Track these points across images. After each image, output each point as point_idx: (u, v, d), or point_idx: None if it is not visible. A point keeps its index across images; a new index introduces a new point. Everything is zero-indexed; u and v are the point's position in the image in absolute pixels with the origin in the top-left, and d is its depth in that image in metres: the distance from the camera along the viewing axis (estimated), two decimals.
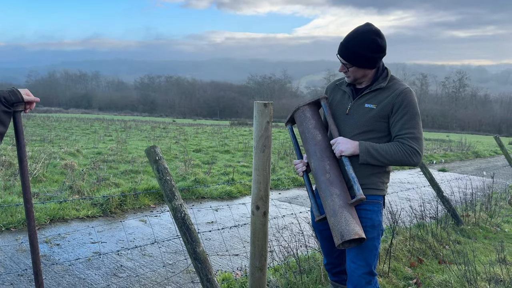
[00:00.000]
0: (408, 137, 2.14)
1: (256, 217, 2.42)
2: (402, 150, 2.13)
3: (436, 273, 3.86)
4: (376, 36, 2.13)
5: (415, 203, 6.89)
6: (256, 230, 2.43)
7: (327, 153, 2.22)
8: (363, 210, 2.22)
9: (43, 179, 7.31)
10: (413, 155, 2.14)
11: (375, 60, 2.18)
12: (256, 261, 2.45)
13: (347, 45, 2.17)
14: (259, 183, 2.38)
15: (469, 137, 37.27)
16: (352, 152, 2.16)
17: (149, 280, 3.65)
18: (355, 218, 2.09)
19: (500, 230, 5.57)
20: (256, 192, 2.39)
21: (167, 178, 2.53)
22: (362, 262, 2.21)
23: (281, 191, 7.95)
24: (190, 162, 9.92)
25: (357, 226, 2.05)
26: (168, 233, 4.97)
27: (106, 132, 21.28)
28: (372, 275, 2.25)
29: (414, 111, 2.16)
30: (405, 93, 2.17)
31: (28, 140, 14.45)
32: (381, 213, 2.28)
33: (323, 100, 2.31)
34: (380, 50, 2.16)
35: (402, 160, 2.15)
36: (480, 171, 12.14)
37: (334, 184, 2.14)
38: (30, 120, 30.10)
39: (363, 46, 2.12)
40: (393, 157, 2.14)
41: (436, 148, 19.35)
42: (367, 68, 2.20)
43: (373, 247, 2.23)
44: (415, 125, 2.16)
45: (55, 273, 3.68)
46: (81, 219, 5.36)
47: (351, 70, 2.21)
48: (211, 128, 29.34)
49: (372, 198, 2.25)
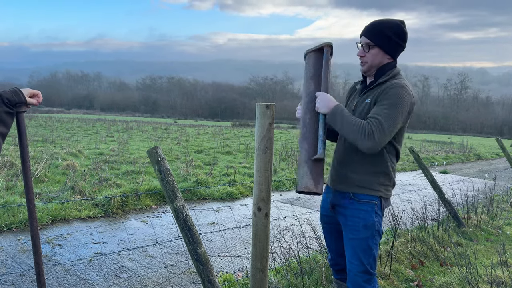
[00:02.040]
0: (374, 120, 2.05)
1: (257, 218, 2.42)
2: (360, 128, 2.04)
3: (438, 276, 3.86)
4: (402, 24, 2.22)
5: (417, 205, 6.89)
6: (258, 231, 2.43)
7: (311, 105, 2.21)
8: (356, 209, 2.24)
9: (45, 180, 7.32)
10: (367, 137, 2.02)
11: (396, 45, 2.22)
12: (257, 262, 2.45)
13: (374, 24, 2.23)
14: (261, 184, 2.38)
15: (471, 139, 37.21)
16: (326, 111, 2.13)
17: (150, 281, 3.66)
18: (315, 173, 2.13)
19: (502, 232, 5.56)
20: (258, 194, 2.39)
21: (169, 179, 2.54)
22: (357, 262, 2.24)
23: (282, 192, 7.95)
24: (191, 163, 9.94)
25: (310, 181, 2.12)
26: (169, 234, 4.97)
27: (108, 133, 21.31)
28: (369, 274, 2.25)
29: (393, 102, 2.08)
30: (394, 86, 2.13)
31: (30, 141, 14.48)
32: (376, 214, 2.24)
33: (326, 47, 2.21)
34: (403, 38, 2.22)
35: (355, 137, 2.05)
36: (482, 173, 12.12)
37: (306, 138, 2.19)
38: (32, 120, 30.17)
39: (390, 27, 2.19)
40: (350, 129, 2.07)
41: (437, 150, 19.32)
42: (387, 53, 2.22)
43: (366, 247, 2.23)
44: (389, 114, 2.06)
45: (56, 273, 3.69)
46: (82, 220, 5.37)
47: (371, 53, 2.22)
48: (212, 129, 29.37)
49: (366, 198, 2.24)
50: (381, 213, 2.27)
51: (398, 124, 2.10)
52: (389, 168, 2.26)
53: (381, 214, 2.28)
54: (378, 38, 2.20)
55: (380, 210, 2.26)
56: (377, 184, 2.24)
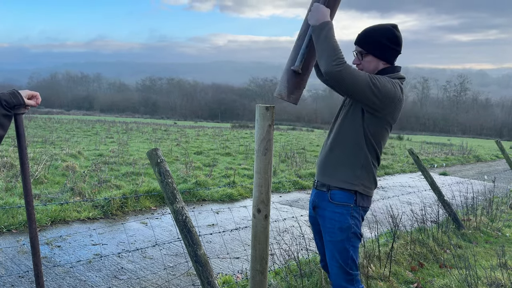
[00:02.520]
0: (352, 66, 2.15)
1: (257, 220, 2.42)
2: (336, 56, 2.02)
3: (437, 278, 3.86)
4: (394, 29, 2.25)
5: (416, 207, 6.89)
6: (257, 233, 2.43)
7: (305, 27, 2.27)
8: (333, 212, 2.28)
9: (44, 181, 7.32)
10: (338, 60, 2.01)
11: (389, 50, 2.23)
12: (257, 264, 2.46)
13: (366, 32, 2.27)
14: (261, 186, 2.39)
15: (470, 141, 37.24)
16: (314, 23, 2.13)
17: (149, 282, 3.65)
18: (291, 83, 2.22)
19: (501, 234, 5.56)
20: (258, 195, 2.39)
21: (168, 180, 2.54)
22: (336, 263, 2.30)
23: (282, 194, 7.94)
24: (191, 165, 9.93)
25: (285, 90, 2.22)
26: (169, 236, 4.97)
27: (107, 134, 21.31)
28: (348, 274, 2.29)
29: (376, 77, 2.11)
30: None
31: (29, 142, 14.47)
32: (352, 216, 2.25)
33: None
34: (396, 42, 2.23)
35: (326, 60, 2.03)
36: (481, 175, 12.12)
37: (295, 49, 2.27)
38: (32, 121, 30.16)
39: (381, 34, 2.22)
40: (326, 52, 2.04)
41: (437, 152, 19.33)
42: (381, 58, 2.25)
43: (343, 249, 2.26)
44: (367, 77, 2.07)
45: (56, 275, 3.69)
46: (82, 221, 5.36)
47: (366, 60, 2.26)
48: (212, 131, 29.37)
49: (340, 200, 2.25)
50: (358, 215, 2.28)
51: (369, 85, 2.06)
52: (369, 162, 2.26)
53: (358, 216, 2.29)
54: (370, 45, 2.23)
55: (357, 212, 2.27)
56: (354, 178, 2.24)
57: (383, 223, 5.22)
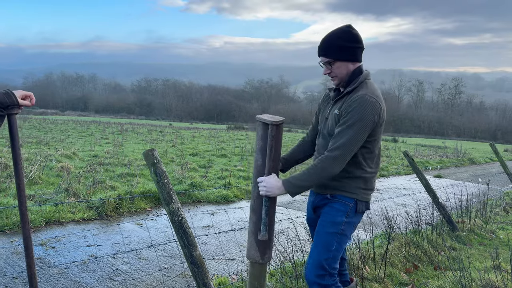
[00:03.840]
0: (330, 147, 2.17)
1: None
2: (319, 168, 2.16)
3: (432, 279, 3.88)
4: (349, 28, 2.26)
5: (411, 209, 6.91)
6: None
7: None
8: (329, 207, 2.33)
9: (39, 182, 7.28)
10: (328, 166, 2.14)
11: (354, 50, 2.25)
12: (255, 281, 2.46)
13: (325, 41, 2.27)
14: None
15: (465, 143, 37.44)
16: (279, 193, 2.21)
17: (144, 284, 3.64)
18: (261, 246, 2.30)
19: (495, 236, 5.59)
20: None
21: (164, 181, 2.54)
22: (315, 255, 2.32)
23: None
24: (186, 166, 9.92)
25: (257, 253, 2.31)
26: (164, 237, 4.96)
27: (102, 135, 21.23)
28: (323, 269, 2.28)
29: (355, 119, 2.14)
30: (357, 99, 2.17)
31: (24, 142, 14.39)
32: (348, 215, 2.30)
33: (271, 125, 2.20)
34: (356, 40, 2.25)
35: (322, 175, 2.17)
36: (476, 177, 12.19)
37: (255, 211, 2.31)
38: (27, 122, 30.00)
39: (339, 37, 2.23)
40: (315, 176, 2.18)
41: (432, 155, 19.42)
42: (349, 60, 2.26)
43: (327, 242, 2.29)
44: (347, 133, 2.14)
45: (50, 276, 3.67)
46: (77, 222, 5.34)
47: (335, 67, 2.27)
48: (208, 132, 29.34)
49: (341, 198, 2.31)
50: (354, 216, 2.32)
51: (360, 139, 2.16)
52: (365, 173, 2.32)
53: (354, 217, 2.33)
54: (334, 52, 2.24)
55: (354, 213, 2.32)
56: (354, 187, 2.31)
57: (378, 225, 5.24)
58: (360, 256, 3.83)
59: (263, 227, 2.27)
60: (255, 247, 2.32)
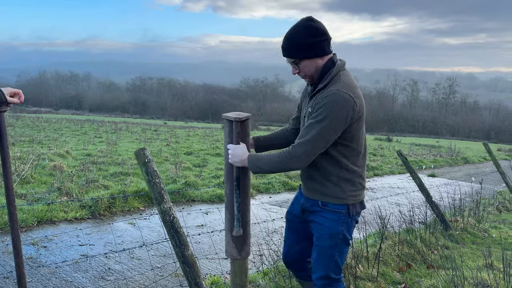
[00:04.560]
0: (297, 143, 2.10)
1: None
2: (281, 157, 2.10)
3: (425, 278, 3.88)
4: (309, 22, 2.10)
5: (404, 208, 6.93)
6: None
7: (229, 176, 2.31)
8: (324, 218, 2.26)
9: (31, 180, 7.22)
10: (290, 160, 2.09)
11: (319, 45, 2.10)
12: (237, 278, 2.46)
13: (287, 41, 2.14)
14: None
15: (459, 143, 37.63)
16: (241, 164, 2.20)
17: (137, 283, 3.62)
18: (238, 242, 2.34)
19: (488, 235, 5.62)
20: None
21: (156, 181, 2.52)
22: (320, 267, 2.31)
23: (271, 194, 7.94)
24: (181, 165, 9.88)
25: (234, 250, 2.35)
26: (157, 236, 4.93)
27: (96, 134, 21.12)
28: (329, 279, 2.31)
29: (324, 115, 2.02)
30: (328, 95, 2.05)
31: (16, 141, 14.28)
32: (343, 223, 2.23)
33: (236, 122, 2.22)
34: (320, 33, 2.09)
35: (283, 167, 2.12)
36: (469, 177, 12.26)
37: (228, 208, 2.34)
38: (19, 120, 29.79)
39: (300, 34, 2.09)
40: (275, 165, 2.13)
41: (425, 154, 19.50)
42: (316, 56, 2.12)
43: (329, 255, 2.27)
44: (315, 128, 2.03)
45: (41, 275, 3.64)
46: (69, 221, 5.30)
47: (303, 66, 2.15)
48: (202, 131, 29.28)
49: (333, 207, 2.23)
50: (349, 220, 2.26)
51: (328, 137, 2.05)
52: (350, 173, 2.22)
53: (350, 222, 2.27)
54: (297, 51, 2.11)
55: (349, 218, 2.25)
56: (341, 192, 2.22)
57: (372, 224, 5.24)
58: (353, 255, 3.83)
59: (236, 223, 2.29)
60: (231, 244, 2.36)
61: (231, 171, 2.29)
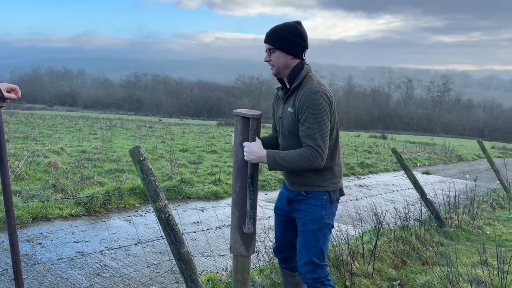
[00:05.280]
0: (310, 142, 2.19)
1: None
2: (304, 155, 2.19)
3: (420, 275, 3.91)
4: (297, 24, 2.33)
5: (399, 205, 6.97)
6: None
7: (241, 174, 2.31)
8: (307, 204, 2.39)
9: (25, 177, 7.18)
10: (314, 159, 2.18)
11: (294, 44, 2.31)
12: (239, 275, 2.45)
13: (273, 30, 2.35)
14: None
15: (453, 140, 37.84)
16: (258, 161, 2.25)
17: (133, 280, 3.62)
18: (246, 239, 2.34)
19: (482, 232, 5.66)
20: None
21: (151, 178, 2.51)
22: (304, 252, 2.39)
23: (267, 191, 7.95)
24: (176, 162, 9.87)
25: (242, 247, 2.35)
26: (153, 233, 4.93)
27: (91, 130, 21.03)
28: (313, 264, 2.38)
29: (314, 112, 2.19)
30: (307, 93, 2.23)
31: (10, 137, 14.19)
32: (325, 208, 2.38)
33: (252, 119, 2.27)
34: (300, 36, 2.31)
35: (305, 165, 2.20)
36: (463, 174, 12.33)
37: (237, 205, 2.33)
38: (13, 117, 29.58)
39: (285, 29, 2.30)
40: (297, 163, 2.21)
41: (420, 151, 19.60)
42: (289, 53, 2.32)
43: (313, 239, 2.38)
44: (315, 126, 2.19)
45: (37, 272, 3.62)
46: (64, 218, 5.28)
47: (275, 56, 2.33)
48: (198, 128, 29.24)
49: (315, 194, 2.38)
50: (331, 206, 2.40)
51: (327, 127, 2.23)
52: (331, 163, 2.39)
53: (332, 208, 2.41)
54: (277, 41, 2.31)
55: (330, 204, 2.40)
56: (323, 181, 2.38)
57: (367, 221, 5.27)
58: (349, 251, 3.85)
59: (248, 220, 2.29)
60: (239, 241, 2.35)
61: (244, 168, 2.29)
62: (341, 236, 4.14)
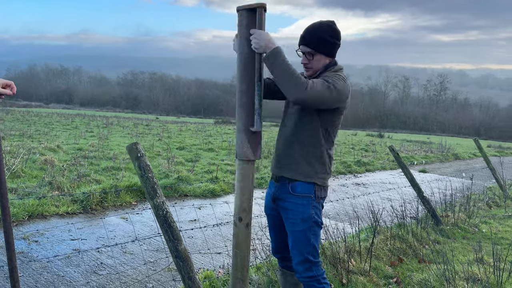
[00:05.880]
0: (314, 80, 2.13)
1: (238, 228, 2.36)
2: (295, 74, 2.08)
3: (416, 272, 3.92)
4: (334, 24, 2.34)
5: (396, 203, 6.99)
6: (239, 241, 2.37)
7: (246, 70, 2.15)
8: (294, 203, 2.37)
9: (22, 175, 7.15)
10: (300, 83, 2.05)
11: (334, 45, 2.33)
12: (238, 272, 2.41)
13: (311, 31, 2.31)
14: (243, 194, 2.35)
15: (449, 139, 37.95)
16: (263, 50, 2.09)
17: (129, 277, 3.61)
18: (253, 142, 2.20)
19: (478, 230, 5.69)
20: (239, 204, 2.33)
21: (149, 175, 2.50)
22: (297, 251, 2.39)
23: (264, 189, 7.95)
24: (173, 160, 9.85)
25: (249, 150, 2.19)
26: (149, 231, 4.92)
27: (87, 128, 20.96)
28: (309, 262, 2.38)
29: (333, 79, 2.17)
30: (331, 73, 2.26)
31: (6, 135, 14.13)
32: (313, 206, 2.36)
33: (259, 8, 2.08)
34: (338, 36, 2.34)
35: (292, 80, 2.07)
36: (460, 172, 12.37)
37: (243, 106, 2.18)
38: (9, 114, 29.45)
39: (325, 31, 2.29)
40: (288, 71, 2.07)
41: (417, 150, 19.65)
42: (329, 55, 2.34)
43: (305, 238, 2.37)
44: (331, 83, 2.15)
45: (33, 270, 3.61)
46: (60, 216, 5.26)
47: (316, 59, 2.33)
48: (195, 126, 29.21)
49: (301, 191, 2.35)
50: (318, 204, 2.39)
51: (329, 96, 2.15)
52: (325, 158, 2.38)
53: (318, 205, 2.40)
54: (318, 44, 2.29)
55: (316, 202, 2.38)
56: (313, 172, 2.36)
57: (364, 219, 5.28)
58: (346, 249, 3.85)
59: (257, 117, 2.15)
60: (246, 144, 2.22)
61: (249, 64, 2.14)
62: (338, 234, 4.14)
